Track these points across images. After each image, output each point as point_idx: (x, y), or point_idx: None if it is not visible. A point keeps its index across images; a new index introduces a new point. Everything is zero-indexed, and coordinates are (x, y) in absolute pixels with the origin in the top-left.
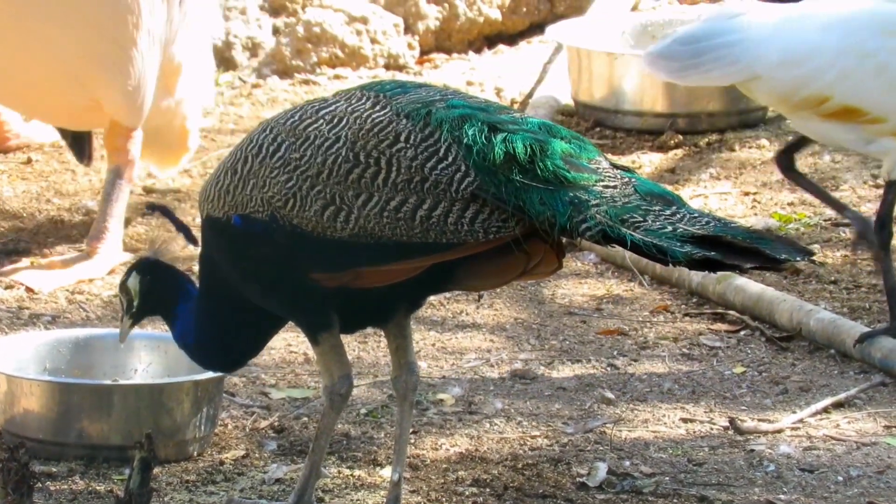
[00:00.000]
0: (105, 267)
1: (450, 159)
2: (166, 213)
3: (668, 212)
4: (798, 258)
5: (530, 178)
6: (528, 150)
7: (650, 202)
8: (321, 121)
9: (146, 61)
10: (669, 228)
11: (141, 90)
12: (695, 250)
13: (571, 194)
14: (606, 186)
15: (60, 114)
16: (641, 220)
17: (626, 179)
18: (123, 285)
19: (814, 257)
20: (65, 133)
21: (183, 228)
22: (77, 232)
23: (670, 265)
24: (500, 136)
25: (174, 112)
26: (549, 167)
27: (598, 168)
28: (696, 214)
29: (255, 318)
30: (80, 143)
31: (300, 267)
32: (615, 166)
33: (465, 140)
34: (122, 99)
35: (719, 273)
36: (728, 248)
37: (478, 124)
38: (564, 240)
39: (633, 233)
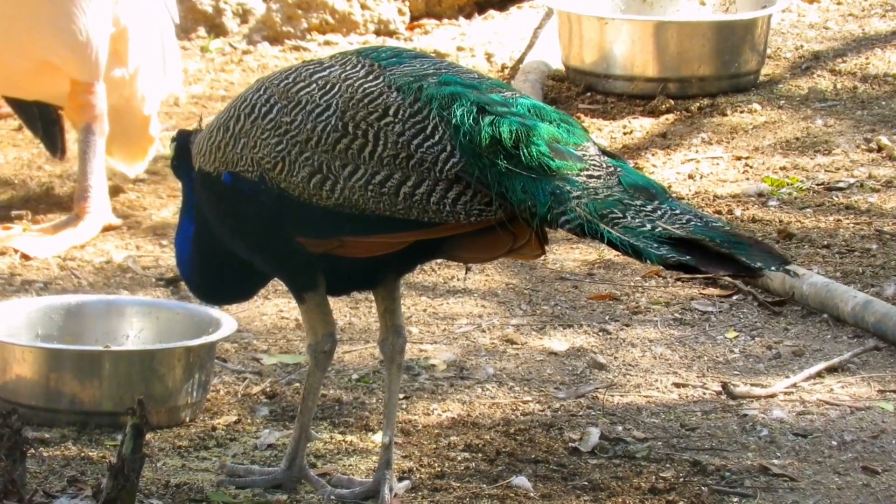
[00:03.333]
0: (97, 225)
1: (436, 138)
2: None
3: (649, 207)
4: (774, 267)
5: (514, 163)
6: (514, 134)
7: (633, 196)
8: (314, 85)
9: (89, 15)
10: (648, 227)
11: (92, 44)
12: (670, 254)
13: (554, 184)
14: (590, 176)
15: (10, 81)
16: (621, 216)
17: (612, 169)
18: (172, 142)
19: (790, 266)
20: (35, 125)
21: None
22: (68, 199)
23: (645, 264)
24: (487, 119)
25: (130, 88)
26: (534, 154)
27: (583, 155)
28: (678, 211)
29: (244, 267)
30: (51, 135)
31: (286, 229)
32: (603, 152)
33: (452, 120)
34: (73, 54)
35: None
36: (704, 252)
37: (467, 104)
38: (546, 229)
39: (611, 230)
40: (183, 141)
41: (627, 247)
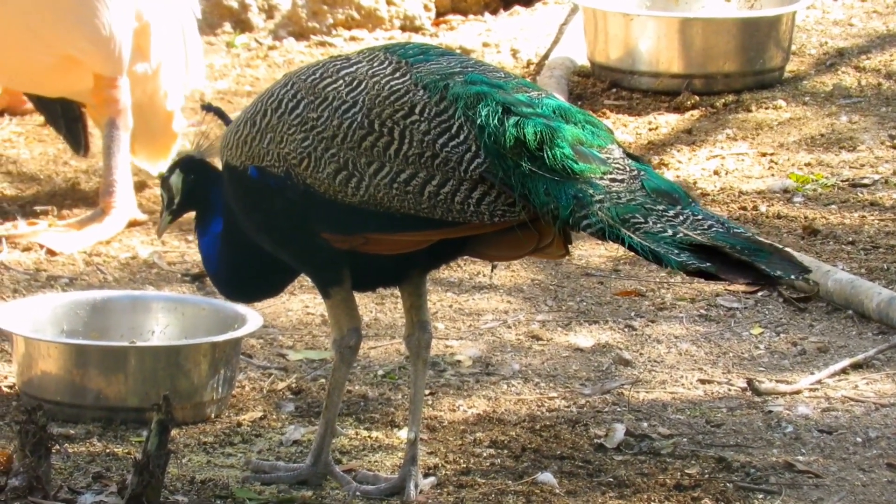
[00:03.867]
0: (122, 220)
1: (461, 138)
2: (220, 114)
3: (671, 212)
4: (794, 276)
5: (538, 165)
6: (539, 136)
7: (655, 200)
8: (340, 81)
9: (112, 9)
10: (670, 232)
11: (115, 38)
12: (690, 260)
13: (577, 187)
14: (613, 180)
15: (33, 77)
16: (643, 221)
17: (636, 172)
18: (165, 181)
19: (809, 276)
20: (58, 123)
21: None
22: (94, 194)
23: (665, 269)
24: (512, 120)
25: (153, 84)
26: (558, 157)
27: (608, 158)
28: (699, 216)
29: (272, 262)
30: (74, 133)
31: (311, 225)
32: (627, 155)
33: (478, 120)
34: (95, 48)
35: None
36: (724, 259)
37: (492, 104)
38: (568, 231)
39: (632, 235)
40: (186, 164)
41: (648, 252)
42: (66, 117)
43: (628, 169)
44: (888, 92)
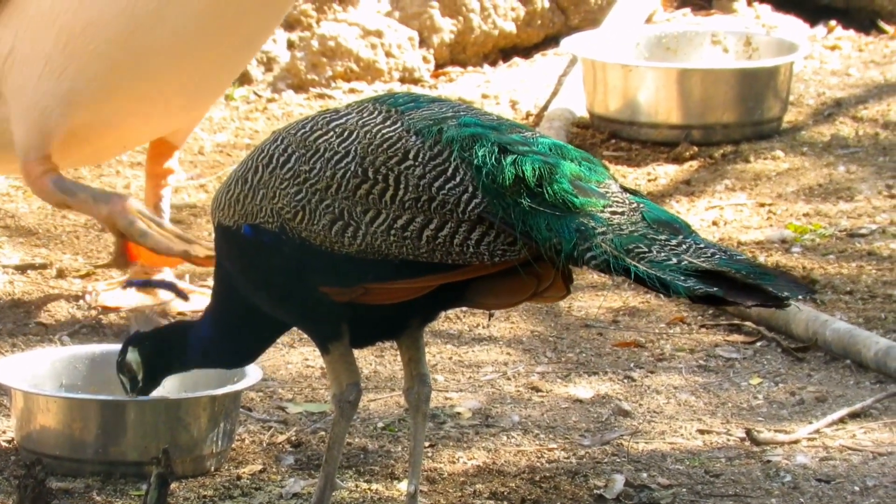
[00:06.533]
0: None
1: (458, 179)
2: (145, 284)
3: (673, 241)
4: (801, 296)
5: (538, 202)
6: (537, 173)
7: (657, 230)
8: (331, 133)
9: None
10: (674, 260)
11: None
12: (697, 286)
13: (578, 221)
14: (614, 213)
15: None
16: (647, 250)
17: (635, 205)
18: (122, 366)
19: (816, 295)
20: None
21: (167, 286)
22: (93, 248)
23: (672, 297)
24: (509, 158)
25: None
26: (558, 192)
27: (606, 192)
28: (702, 245)
29: (266, 322)
30: None
31: (309, 280)
32: (625, 190)
33: (474, 161)
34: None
35: None
36: (731, 283)
37: (488, 145)
38: (571, 267)
39: (637, 264)
40: (135, 339)
41: (655, 280)
42: None
43: (627, 202)
44: (885, 142)
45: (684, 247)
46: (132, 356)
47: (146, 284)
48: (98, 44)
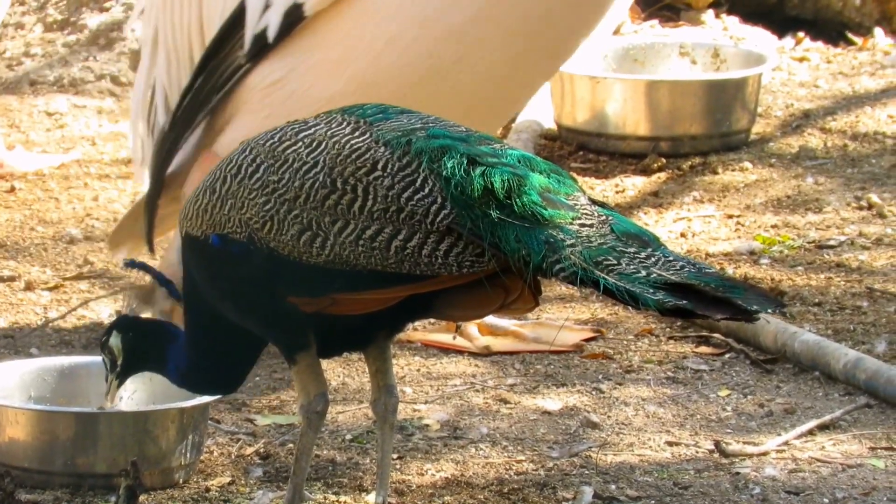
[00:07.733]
0: None
1: (426, 190)
2: (145, 268)
3: (643, 254)
4: (770, 310)
5: (507, 213)
6: (506, 184)
7: (626, 243)
8: (300, 143)
9: None
10: (643, 273)
11: None
12: (667, 298)
13: (547, 233)
14: (583, 225)
15: None
16: (616, 262)
17: (604, 217)
18: (105, 346)
19: (784, 309)
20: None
21: (164, 282)
22: (62, 260)
23: (641, 310)
24: (478, 170)
25: None
26: (527, 203)
27: (575, 204)
28: (671, 258)
29: (239, 336)
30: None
31: (277, 290)
32: (593, 202)
33: (443, 172)
34: None
35: None
36: (700, 296)
37: (457, 156)
38: (540, 278)
39: (606, 276)
40: (121, 324)
41: (624, 293)
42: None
43: (596, 214)
44: (853, 153)
45: (653, 259)
46: (115, 341)
47: (144, 269)
48: (392, 89)
